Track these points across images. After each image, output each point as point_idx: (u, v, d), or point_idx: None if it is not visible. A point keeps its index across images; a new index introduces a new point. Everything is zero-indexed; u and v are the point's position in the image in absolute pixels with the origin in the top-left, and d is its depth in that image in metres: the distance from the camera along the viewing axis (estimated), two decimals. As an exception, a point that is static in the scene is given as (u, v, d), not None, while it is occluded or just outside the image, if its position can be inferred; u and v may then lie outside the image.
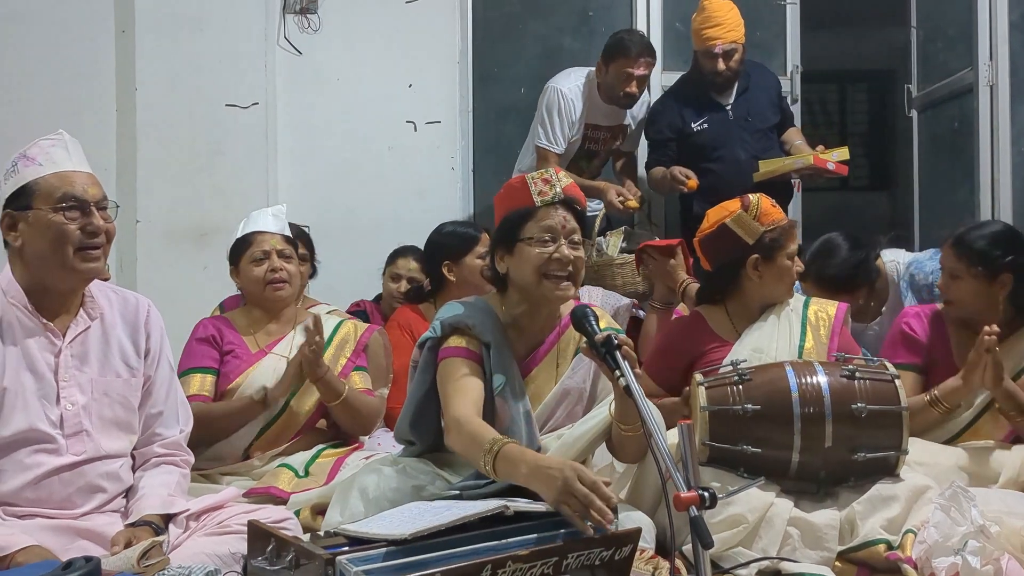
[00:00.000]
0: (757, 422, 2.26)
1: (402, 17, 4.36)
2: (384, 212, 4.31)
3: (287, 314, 2.84)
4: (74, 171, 1.96)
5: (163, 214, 4.08)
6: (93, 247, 1.94)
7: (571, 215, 2.18)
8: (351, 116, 4.35)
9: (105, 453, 1.98)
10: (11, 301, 1.95)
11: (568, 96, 3.92)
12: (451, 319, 2.19)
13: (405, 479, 2.14)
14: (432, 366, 2.20)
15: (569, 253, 2.14)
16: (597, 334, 1.90)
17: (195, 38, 4.10)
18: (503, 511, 1.69)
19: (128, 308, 2.10)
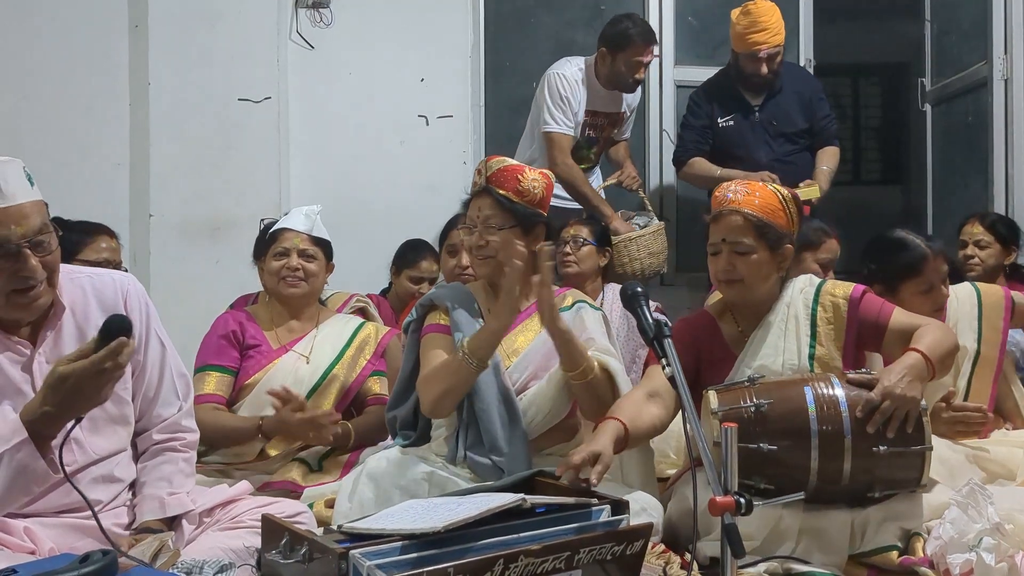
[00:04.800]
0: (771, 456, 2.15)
1: (414, 11, 4.35)
2: (396, 206, 4.31)
3: (309, 312, 2.85)
4: (1, 209, 1.77)
5: (176, 208, 4.09)
6: (27, 288, 1.82)
7: (487, 202, 2.36)
8: (363, 110, 4.34)
9: (97, 457, 1.92)
10: None
11: (570, 80, 3.93)
12: (422, 299, 2.47)
13: (414, 465, 2.22)
14: (415, 347, 2.42)
15: (479, 240, 2.37)
16: (647, 318, 1.89)
17: (208, 33, 4.10)
18: (521, 504, 1.69)
19: (106, 293, 1.99)
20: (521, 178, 2.36)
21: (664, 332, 1.82)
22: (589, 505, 1.81)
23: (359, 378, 2.80)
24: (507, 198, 2.34)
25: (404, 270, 3.76)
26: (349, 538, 1.66)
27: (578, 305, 2.44)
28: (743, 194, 2.37)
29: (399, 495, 2.12)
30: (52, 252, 1.86)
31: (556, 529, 1.72)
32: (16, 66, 4.13)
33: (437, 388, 2.23)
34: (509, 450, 2.21)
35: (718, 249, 2.38)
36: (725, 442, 1.65)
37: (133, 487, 2.03)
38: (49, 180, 1.94)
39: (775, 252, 2.37)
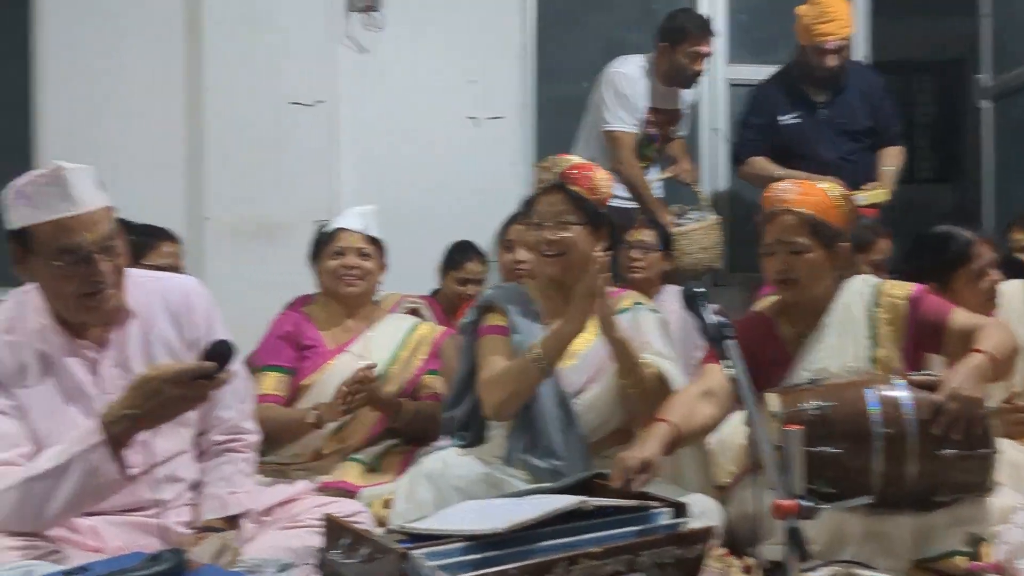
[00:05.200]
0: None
1: (465, 13, 4.36)
2: (445, 208, 4.32)
3: (364, 312, 2.87)
4: (72, 216, 1.81)
5: (230, 211, 4.15)
6: (97, 292, 1.86)
7: (560, 198, 2.34)
8: (414, 112, 4.36)
9: (161, 458, 1.95)
10: (43, 320, 1.91)
11: (631, 78, 3.92)
12: (478, 300, 2.46)
13: (471, 465, 2.23)
14: (471, 348, 2.41)
15: (551, 235, 2.33)
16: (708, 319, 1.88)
17: (261, 37, 4.15)
18: (582, 506, 1.69)
19: (171, 298, 2.02)
20: (593, 176, 2.38)
21: (726, 333, 1.80)
22: (649, 508, 1.80)
23: (414, 378, 2.81)
24: (581, 195, 2.33)
25: (450, 271, 3.79)
26: (410, 538, 1.67)
27: (636, 307, 2.42)
28: (796, 193, 2.33)
29: (456, 496, 2.12)
30: (120, 256, 1.89)
31: (617, 531, 1.72)
32: (73, 72, 4.22)
33: (502, 392, 2.23)
34: (566, 453, 2.20)
35: (772, 249, 2.34)
36: (789, 445, 1.63)
37: (195, 487, 2.06)
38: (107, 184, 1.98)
39: (830, 251, 2.33)
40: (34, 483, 1.76)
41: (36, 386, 1.88)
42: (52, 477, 1.76)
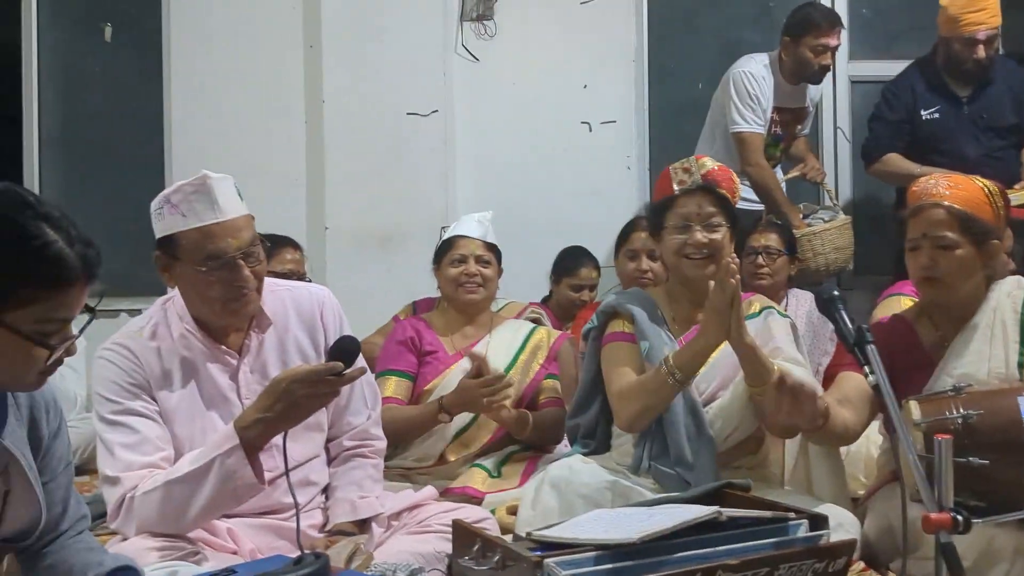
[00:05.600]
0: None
1: (577, 18, 4.35)
2: (560, 214, 4.31)
3: (483, 318, 2.88)
4: (217, 223, 1.89)
5: (349, 220, 4.24)
6: (240, 297, 1.92)
7: (708, 199, 2.28)
8: (526, 119, 4.38)
9: (296, 462, 1.98)
10: (186, 327, 1.98)
11: (757, 77, 3.82)
12: (603, 306, 2.41)
13: (597, 473, 2.20)
14: (595, 355, 2.37)
15: (702, 237, 2.26)
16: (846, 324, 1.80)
17: (378, 49, 4.24)
18: (716, 517, 1.64)
19: (303, 307, 2.08)
20: (734, 179, 2.35)
21: (866, 338, 1.72)
22: (786, 519, 1.74)
23: (533, 382, 2.81)
24: (726, 197, 2.29)
25: (564, 278, 3.75)
26: (540, 546, 1.65)
27: (766, 312, 2.35)
28: (946, 186, 2.21)
29: (582, 504, 2.09)
30: (261, 263, 1.96)
31: (753, 544, 1.66)
32: (199, 88, 4.39)
33: (636, 405, 2.19)
34: (695, 462, 2.15)
35: (918, 244, 2.22)
36: (939, 455, 1.54)
37: (326, 491, 2.11)
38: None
39: (980, 248, 2.19)
40: (175, 486, 1.83)
41: (178, 391, 1.96)
42: (192, 481, 1.82)
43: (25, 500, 1.47)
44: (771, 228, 3.46)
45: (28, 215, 1.30)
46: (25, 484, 1.46)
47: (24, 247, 1.28)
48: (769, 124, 3.88)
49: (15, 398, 1.47)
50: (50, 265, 1.29)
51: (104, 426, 1.92)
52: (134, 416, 1.91)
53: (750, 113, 3.79)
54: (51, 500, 1.52)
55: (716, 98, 3.95)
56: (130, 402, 1.92)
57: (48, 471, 1.52)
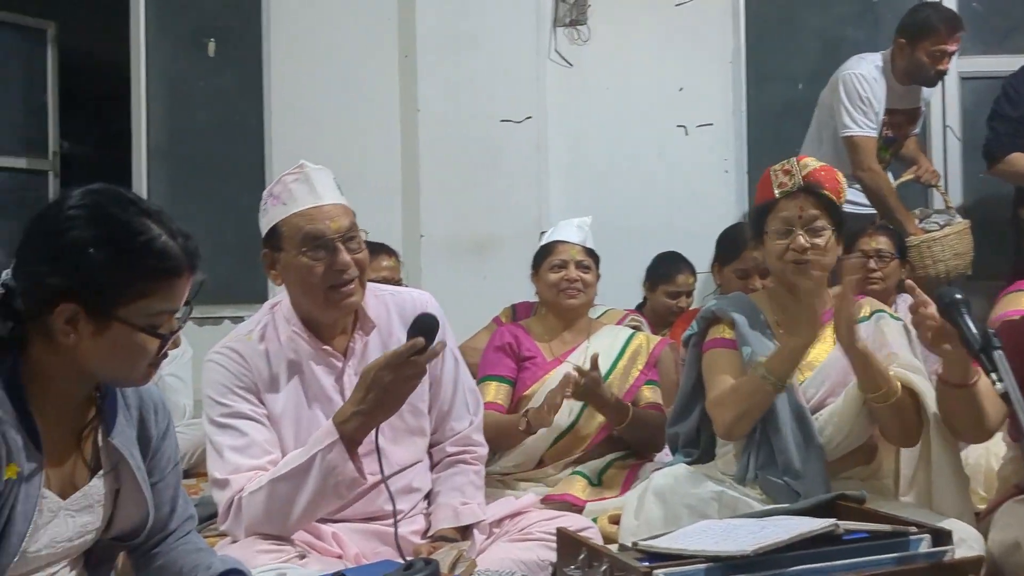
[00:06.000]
0: None
1: (672, 20, 4.29)
2: (656, 218, 4.25)
3: (581, 324, 2.85)
4: (316, 207, 1.91)
5: (444, 227, 4.26)
6: (343, 283, 1.92)
7: (811, 202, 2.18)
8: (621, 124, 4.34)
9: (398, 467, 1.99)
10: (293, 328, 2.00)
11: (869, 79, 3.68)
12: (703, 311, 2.35)
13: (702, 483, 2.14)
14: (696, 361, 2.31)
15: (804, 242, 2.17)
16: (970, 328, 1.72)
17: (471, 57, 4.26)
18: (833, 530, 1.57)
19: (406, 311, 2.07)
20: (839, 179, 2.25)
21: (994, 343, 1.63)
22: (907, 534, 1.65)
23: (632, 388, 2.77)
24: (832, 199, 2.21)
25: (660, 284, 3.67)
26: (647, 557, 1.61)
27: (877, 315, 2.25)
28: None
29: (687, 514, 2.04)
30: (362, 251, 1.96)
31: (873, 559, 1.58)
32: (297, 100, 4.49)
33: (732, 411, 2.12)
34: (804, 471, 2.07)
35: None
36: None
37: (428, 497, 2.10)
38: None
39: None
40: (279, 484, 1.85)
41: (285, 394, 1.98)
42: (295, 477, 1.84)
43: (134, 499, 1.51)
44: (881, 231, 3.33)
45: (132, 212, 1.35)
46: (134, 484, 1.49)
47: (132, 243, 1.32)
48: (880, 126, 3.74)
49: (125, 399, 1.50)
50: (158, 258, 1.33)
51: (214, 429, 1.96)
52: (243, 419, 1.94)
53: (862, 116, 3.65)
54: (159, 500, 1.56)
55: (823, 100, 3.81)
56: (239, 405, 1.95)
57: (157, 471, 1.56)
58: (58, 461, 1.40)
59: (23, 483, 1.32)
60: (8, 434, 1.29)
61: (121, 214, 1.33)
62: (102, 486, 1.46)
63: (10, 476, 1.30)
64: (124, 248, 1.31)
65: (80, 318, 1.32)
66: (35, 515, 1.35)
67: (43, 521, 1.37)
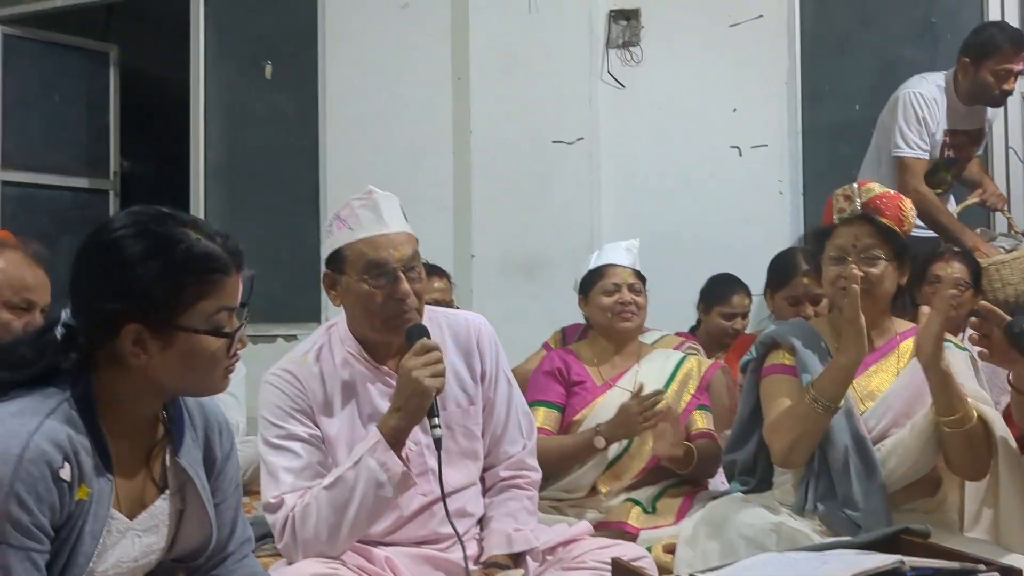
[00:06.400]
0: None
1: (726, 41, 4.26)
2: (709, 240, 4.21)
3: (631, 347, 2.83)
4: (381, 235, 1.92)
5: (496, 248, 4.28)
6: (402, 312, 1.93)
7: (867, 230, 2.16)
8: (673, 145, 4.31)
9: (451, 489, 1.96)
10: (348, 350, 2.01)
11: (928, 99, 3.60)
12: (762, 336, 2.31)
13: (759, 514, 2.09)
14: (754, 387, 2.27)
15: (856, 271, 2.10)
16: None
17: (524, 79, 4.28)
18: (899, 567, 1.53)
19: (460, 333, 2.09)
20: (901, 207, 2.19)
21: None
22: (975, 571, 1.60)
23: (684, 412, 2.73)
24: (890, 227, 2.17)
25: (714, 306, 3.62)
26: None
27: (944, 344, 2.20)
28: None
29: (744, 545, 2.00)
30: (422, 280, 1.98)
31: (940, 597, 1.53)
32: (352, 122, 4.55)
33: (786, 437, 2.08)
34: (865, 504, 2.02)
35: None
36: None
37: (481, 521, 2.09)
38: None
39: None
40: (330, 491, 1.86)
41: (339, 416, 1.99)
42: (343, 483, 1.85)
43: (198, 520, 1.52)
44: (956, 258, 3.21)
45: (170, 224, 1.38)
46: (199, 504, 1.51)
47: (175, 252, 1.35)
48: (941, 147, 3.66)
49: (191, 419, 1.52)
50: (202, 261, 1.37)
51: (268, 449, 1.97)
52: (297, 441, 1.95)
53: (915, 137, 3.58)
54: (221, 521, 1.57)
55: (883, 120, 3.75)
56: (293, 427, 1.96)
57: (220, 492, 1.57)
58: (127, 481, 1.43)
59: (92, 504, 1.34)
60: (81, 456, 1.32)
61: (160, 228, 1.37)
62: (167, 506, 1.48)
63: (81, 497, 1.32)
64: (169, 259, 1.34)
65: (145, 336, 1.35)
66: (103, 535, 1.37)
67: (111, 542, 1.39)
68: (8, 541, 1.24)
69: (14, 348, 1.39)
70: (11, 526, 1.24)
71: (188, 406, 1.53)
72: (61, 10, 5.52)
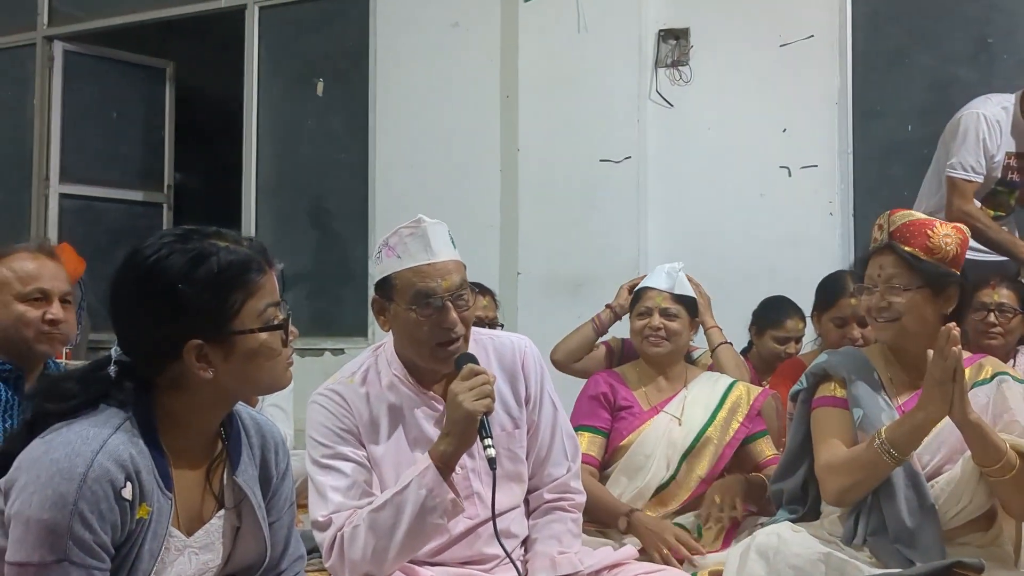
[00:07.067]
0: None
1: (776, 60, 4.24)
2: (757, 262, 4.18)
3: (676, 370, 2.80)
4: (430, 264, 1.92)
5: (541, 266, 4.29)
6: (449, 342, 1.94)
7: (890, 260, 2.15)
8: (722, 165, 4.29)
9: (497, 511, 1.94)
10: (395, 373, 2.02)
11: (991, 121, 3.52)
12: (813, 367, 2.26)
13: (808, 543, 2.06)
14: (804, 418, 2.23)
15: (881, 302, 2.13)
16: None
17: (572, 98, 4.29)
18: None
19: (505, 356, 2.09)
20: (931, 233, 2.14)
21: None
22: (1030, 610, 1.57)
23: (732, 441, 2.69)
24: (914, 256, 2.12)
25: (768, 330, 3.56)
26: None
27: (999, 378, 2.15)
28: None
29: (792, 575, 1.98)
30: (470, 308, 1.98)
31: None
32: (401, 139, 4.60)
33: (846, 480, 2.05)
34: (918, 540, 1.97)
35: None
36: None
37: (524, 543, 2.09)
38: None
39: None
40: (378, 514, 1.87)
41: (385, 437, 2.00)
42: (392, 506, 1.86)
43: (254, 537, 1.54)
44: (1004, 283, 3.15)
45: (196, 239, 1.41)
46: (254, 522, 1.53)
47: (209, 264, 1.38)
48: (1003, 169, 3.58)
49: (248, 438, 1.55)
50: (236, 267, 1.40)
51: (316, 469, 1.99)
52: (344, 461, 1.97)
53: (971, 159, 3.51)
54: (275, 540, 1.59)
55: (943, 140, 3.67)
56: (341, 447, 1.98)
57: (275, 511, 1.59)
58: (186, 499, 1.45)
59: (152, 522, 1.36)
60: (142, 475, 1.34)
61: (189, 245, 1.40)
62: (224, 524, 1.50)
63: (141, 516, 1.34)
64: (206, 272, 1.37)
65: (207, 350, 1.38)
66: (161, 552, 1.39)
67: (169, 559, 1.42)
68: (71, 559, 1.27)
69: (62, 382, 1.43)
70: (74, 543, 1.26)
71: (245, 424, 1.55)
72: (120, 27, 5.67)
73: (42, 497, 1.26)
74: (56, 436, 1.32)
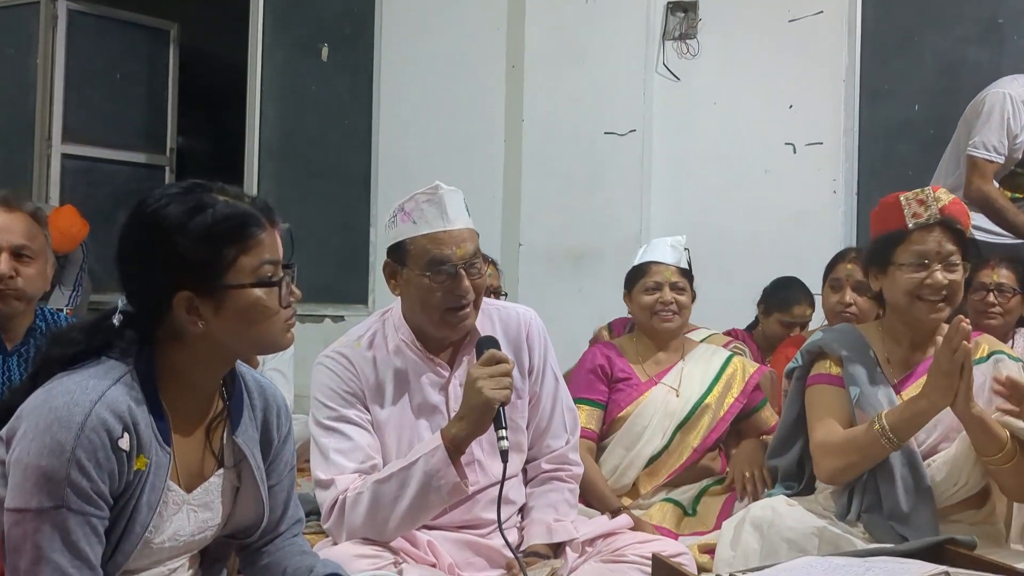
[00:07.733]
0: None
1: (784, 36, 4.21)
2: (760, 238, 4.17)
3: (675, 344, 2.81)
4: (445, 231, 1.94)
5: (543, 238, 4.28)
6: (460, 307, 1.96)
7: (948, 237, 2.11)
8: (727, 140, 4.27)
9: (495, 479, 1.99)
10: (402, 338, 2.04)
11: (1016, 101, 3.49)
12: (808, 344, 2.26)
13: (803, 517, 2.08)
14: (799, 396, 2.24)
15: (943, 278, 2.09)
16: None
17: (578, 70, 4.26)
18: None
19: (510, 326, 2.11)
20: (969, 213, 2.18)
21: None
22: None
23: (726, 416, 2.71)
24: (965, 235, 2.13)
25: (775, 312, 3.53)
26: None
27: (996, 357, 2.15)
28: None
29: (786, 548, 1.99)
30: (482, 276, 2.00)
31: (985, 610, 1.52)
32: (405, 107, 4.57)
33: (840, 460, 2.06)
34: (912, 517, 1.99)
35: None
36: None
37: (522, 511, 2.11)
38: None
39: None
40: (382, 486, 1.90)
41: (390, 402, 2.02)
42: (398, 480, 1.88)
43: (252, 499, 1.56)
44: (1004, 263, 3.15)
45: (198, 192, 1.41)
46: (252, 483, 1.54)
47: (206, 216, 1.38)
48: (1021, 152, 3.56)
49: (251, 399, 1.55)
50: (233, 219, 1.39)
51: (320, 431, 2.01)
52: (348, 424, 1.99)
53: (993, 139, 3.47)
54: (274, 502, 1.60)
55: (965, 120, 3.62)
56: (345, 410, 2.00)
57: (275, 474, 1.60)
58: (186, 454, 1.46)
59: (150, 474, 1.38)
60: (140, 427, 1.35)
61: (188, 198, 1.40)
62: (223, 483, 1.52)
63: (139, 468, 1.36)
64: (201, 223, 1.37)
65: (197, 302, 1.38)
66: (160, 506, 1.41)
67: (168, 513, 1.43)
68: (68, 505, 1.28)
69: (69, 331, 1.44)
70: (71, 491, 1.28)
71: (248, 386, 1.56)
72: (124, -13, 5.62)
73: (40, 444, 1.28)
74: (57, 385, 1.34)
